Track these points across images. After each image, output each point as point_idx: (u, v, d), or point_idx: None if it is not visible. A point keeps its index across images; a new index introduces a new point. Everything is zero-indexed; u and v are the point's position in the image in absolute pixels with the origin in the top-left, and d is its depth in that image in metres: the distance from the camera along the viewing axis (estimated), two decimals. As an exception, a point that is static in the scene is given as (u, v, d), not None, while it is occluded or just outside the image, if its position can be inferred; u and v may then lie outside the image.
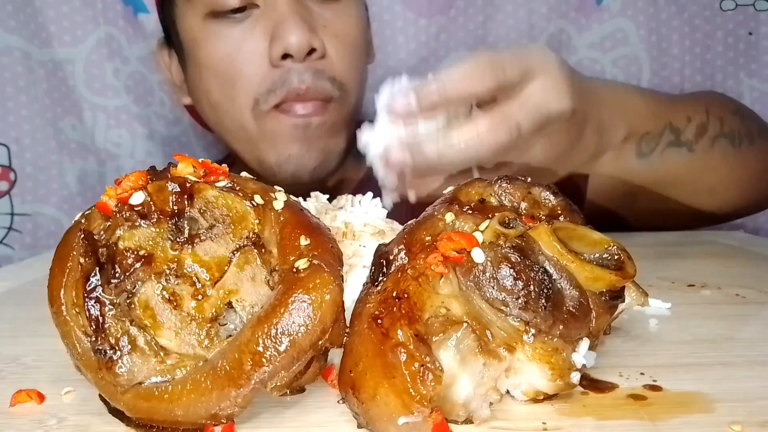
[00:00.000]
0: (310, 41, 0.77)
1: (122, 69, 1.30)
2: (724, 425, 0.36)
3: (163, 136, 1.34)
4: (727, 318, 0.57)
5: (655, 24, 1.32)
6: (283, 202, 0.41)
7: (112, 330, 0.37)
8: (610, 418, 0.38)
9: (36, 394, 0.42)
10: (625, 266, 0.40)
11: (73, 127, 1.29)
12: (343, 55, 0.82)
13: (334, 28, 0.81)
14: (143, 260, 0.38)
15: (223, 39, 0.80)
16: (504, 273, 0.37)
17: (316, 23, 0.80)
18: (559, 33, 1.33)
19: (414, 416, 0.34)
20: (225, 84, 0.82)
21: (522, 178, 0.45)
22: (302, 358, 0.36)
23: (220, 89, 0.83)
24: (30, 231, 1.28)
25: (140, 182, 0.39)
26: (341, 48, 0.82)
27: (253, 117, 0.81)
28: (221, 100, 0.84)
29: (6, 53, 1.24)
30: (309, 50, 0.77)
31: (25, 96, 1.25)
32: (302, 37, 0.76)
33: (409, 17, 1.30)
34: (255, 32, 0.79)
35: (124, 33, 1.28)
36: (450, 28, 1.32)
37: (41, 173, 1.28)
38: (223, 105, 0.84)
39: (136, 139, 1.33)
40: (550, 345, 0.38)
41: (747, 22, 1.32)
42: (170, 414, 0.36)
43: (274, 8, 0.78)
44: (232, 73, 0.80)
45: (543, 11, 1.31)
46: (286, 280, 0.37)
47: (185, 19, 0.83)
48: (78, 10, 1.26)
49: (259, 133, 0.83)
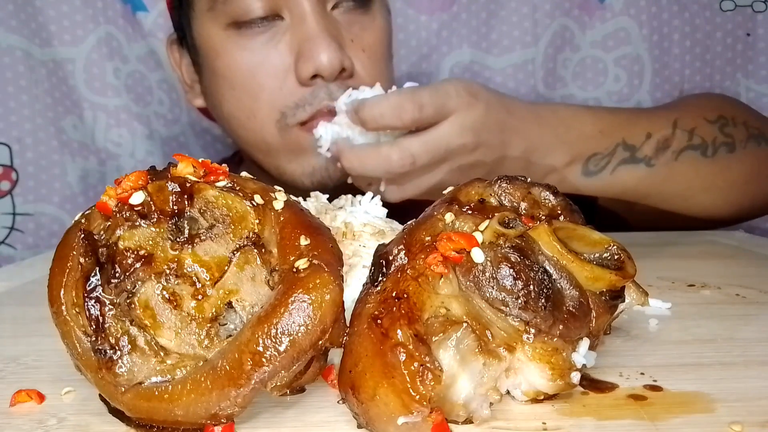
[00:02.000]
0: (342, 61, 0.76)
1: (122, 68, 1.30)
2: (724, 425, 0.36)
3: (163, 136, 1.34)
4: (728, 318, 0.57)
5: (656, 23, 1.32)
6: (283, 202, 0.41)
7: (112, 330, 0.37)
8: (610, 418, 0.38)
9: (36, 394, 0.42)
10: (625, 266, 0.40)
11: (74, 127, 1.30)
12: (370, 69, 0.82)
13: (362, 42, 0.81)
14: (143, 260, 0.38)
15: (245, 51, 0.79)
16: (504, 273, 0.37)
17: (344, 39, 0.79)
18: (563, 30, 1.33)
19: (413, 416, 0.34)
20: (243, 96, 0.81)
21: (522, 177, 0.45)
22: (302, 358, 0.36)
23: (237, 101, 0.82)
24: (32, 231, 1.28)
25: (140, 182, 0.39)
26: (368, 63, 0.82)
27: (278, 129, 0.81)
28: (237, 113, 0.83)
29: (7, 53, 1.24)
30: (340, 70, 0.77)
31: (27, 95, 1.25)
32: (333, 57, 0.75)
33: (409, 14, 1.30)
34: (280, 46, 0.78)
35: (123, 32, 1.28)
36: (452, 25, 1.32)
37: (43, 172, 1.28)
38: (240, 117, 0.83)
39: (136, 139, 1.33)
40: (550, 345, 0.38)
41: (745, 23, 1.32)
42: (170, 414, 0.36)
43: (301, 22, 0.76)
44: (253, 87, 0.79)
45: (547, 8, 1.31)
46: (286, 280, 0.37)
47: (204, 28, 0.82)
48: (78, 9, 1.26)
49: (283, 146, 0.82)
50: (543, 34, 1.33)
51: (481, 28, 1.32)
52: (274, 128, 0.81)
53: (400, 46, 1.32)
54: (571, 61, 1.34)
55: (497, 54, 1.32)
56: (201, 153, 1.35)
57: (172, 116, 1.33)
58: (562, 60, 1.34)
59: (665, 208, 0.90)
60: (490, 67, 1.33)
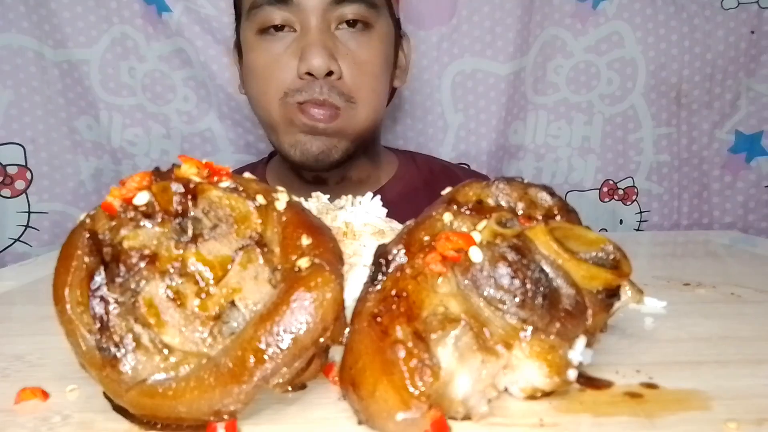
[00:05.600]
0: (329, 65, 0.95)
1: (138, 67, 1.31)
2: (720, 422, 0.37)
3: (184, 133, 1.36)
4: (723, 316, 0.57)
5: (652, 25, 1.32)
6: (285, 202, 0.42)
7: (117, 328, 0.37)
8: (606, 414, 0.38)
9: (40, 391, 0.43)
10: (620, 265, 0.40)
11: (89, 127, 1.32)
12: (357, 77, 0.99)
13: (355, 56, 0.99)
14: (147, 259, 0.38)
15: (266, 52, 1.00)
16: (501, 272, 0.38)
17: (339, 51, 0.98)
18: (553, 40, 1.34)
19: (412, 412, 0.35)
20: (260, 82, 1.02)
21: (519, 178, 0.46)
22: (304, 355, 0.36)
23: (257, 86, 1.03)
24: (47, 228, 1.30)
25: (145, 183, 0.40)
26: (357, 73, 1.00)
27: (279, 105, 1.00)
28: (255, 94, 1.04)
29: (20, 54, 1.25)
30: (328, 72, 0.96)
31: (39, 96, 1.27)
32: (322, 62, 0.94)
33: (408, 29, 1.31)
34: (289, 51, 0.98)
35: (143, 31, 1.30)
36: (452, 36, 1.33)
37: (57, 172, 1.30)
38: (257, 97, 1.04)
39: (151, 138, 1.35)
40: (547, 342, 0.38)
41: (750, 20, 1.32)
42: (174, 411, 0.36)
43: (307, 34, 0.97)
44: (268, 77, 1.00)
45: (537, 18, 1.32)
46: (288, 279, 0.37)
47: (244, 32, 1.04)
48: (92, 10, 1.27)
49: (280, 119, 1.01)
50: (533, 44, 1.34)
51: (486, 36, 1.33)
52: (276, 104, 1.00)
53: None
54: (563, 67, 1.35)
55: (502, 61, 1.33)
56: (229, 146, 1.38)
57: (198, 112, 1.35)
58: (553, 67, 1.35)
59: None
60: (494, 74, 1.34)
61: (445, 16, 1.33)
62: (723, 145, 1.38)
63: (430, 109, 1.37)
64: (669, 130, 1.37)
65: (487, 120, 1.36)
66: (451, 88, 1.35)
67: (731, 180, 1.38)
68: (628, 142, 1.37)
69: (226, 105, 1.34)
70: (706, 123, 1.37)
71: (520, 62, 1.34)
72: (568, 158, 1.38)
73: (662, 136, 1.37)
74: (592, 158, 1.38)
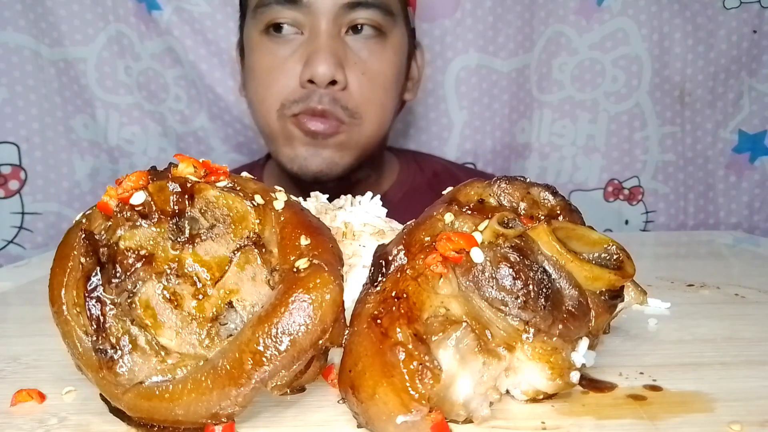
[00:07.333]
0: (334, 74, 0.91)
1: (133, 66, 1.31)
2: (723, 425, 0.36)
3: (178, 132, 1.35)
4: (727, 317, 0.57)
5: (656, 22, 1.32)
6: (283, 202, 0.41)
7: (113, 329, 0.37)
8: (609, 417, 0.38)
9: (37, 393, 0.42)
10: (624, 266, 0.40)
11: (85, 126, 1.31)
12: (364, 90, 0.95)
13: (364, 66, 0.95)
14: (144, 260, 0.38)
15: (270, 53, 0.96)
16: (503, 273, 0.37)
17: (348, 59, 0.93)
18: (558, 36, 1.33)
19: (412, 415, 0.34)
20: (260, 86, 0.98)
21: (521, 178, 0.46)
22: (302, 357, 0.36)
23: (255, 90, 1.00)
24: (41, 230, 1.29)
25: (141, 182, 0.40)
26: (366, 84, 0.95)
27: (277, 117, 0.96)
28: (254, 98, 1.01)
29: (15, 52, 1.24)
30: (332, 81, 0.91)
31: (35, 95, 1.26)
32: (327, 69, 0.90)
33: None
34: (295, 54, 0.94)
35: (136, 30, 1.29)
36: (456, 30, 1.32)
37: (51, 171, 1.29)
38: (256, 105, 1.01)
39: (149, 136, 1.34)
40: (549, 344, 0.38)
41: (751, 20, 1.32)
42: (171, 413, 0.36)
43: (315, 39, 0.93)
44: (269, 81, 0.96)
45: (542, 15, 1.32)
46: (286, 280, 0.37)
47: (249, 31, 1.01)
48: (88, 8, 1.27)
49: (279, 132, 0.97)
50: (537, 40, 1.33)
51: (488, 32, 1.32)
52: (274, 115, 0.97)
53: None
54: (567, 65, 1.34)
55: (504, 57, 1.32)
56: (222, 145, 1.37)
57: (189, 112, 1.34)
58: (558, 65, 1.35)
59: None
60: (497, 70, 1.33)
61: (448, 9, 1.32)
62: (727, 145, 1.37)
63: (434, 106, 1.36)
64: (673, 128, 1.36)
65: (492, 117, 1.35)
66: (455, 84, 1.34)
67: (736, 180, 1.38)
68: (634, 140, 1.36)
69: (215, 105, 1.33)
70: (710, 122, 1.36)
71: (524, 59, 1.33)
72: (573, 157, 1.38)
73: (667, 134, 1.36)
74: (596, 157, 1.37)
